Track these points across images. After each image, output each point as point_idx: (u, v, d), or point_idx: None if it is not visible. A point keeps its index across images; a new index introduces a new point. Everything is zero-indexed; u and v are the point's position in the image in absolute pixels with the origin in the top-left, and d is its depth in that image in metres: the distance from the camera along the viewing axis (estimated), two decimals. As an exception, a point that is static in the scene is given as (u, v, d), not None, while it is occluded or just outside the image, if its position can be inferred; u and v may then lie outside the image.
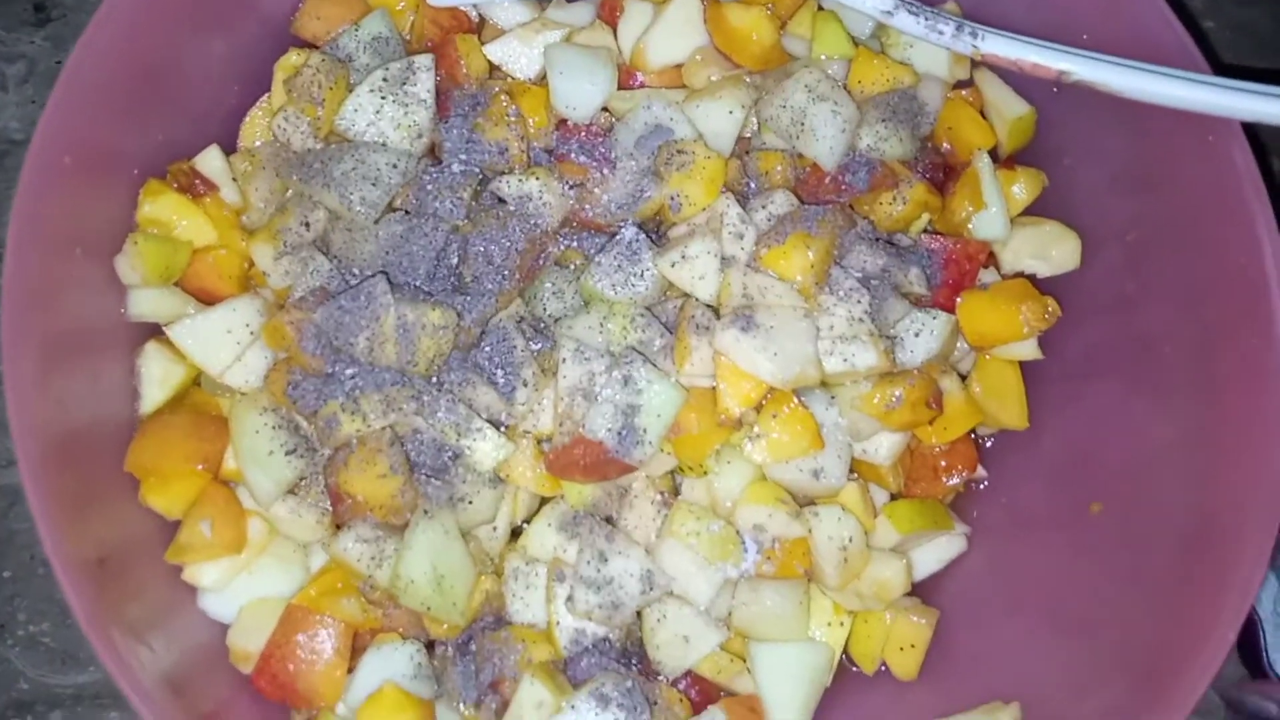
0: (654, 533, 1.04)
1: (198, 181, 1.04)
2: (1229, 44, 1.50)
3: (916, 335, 1.08)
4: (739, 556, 1.04)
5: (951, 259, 1.13)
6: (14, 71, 1.39)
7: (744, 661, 1.06)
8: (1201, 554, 0.99)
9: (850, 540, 1.06)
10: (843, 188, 1.10)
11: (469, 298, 1.04)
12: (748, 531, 1.04)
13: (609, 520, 1.05)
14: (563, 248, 1.11)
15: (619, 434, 0.99)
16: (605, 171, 1.09)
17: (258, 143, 1.11)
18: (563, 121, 1.11)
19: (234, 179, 1.07)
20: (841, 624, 1.08)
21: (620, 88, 1.12)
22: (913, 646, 1.11)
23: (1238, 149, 1.01)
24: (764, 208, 1.07)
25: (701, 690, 1.07)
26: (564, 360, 1.01)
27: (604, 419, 0.99)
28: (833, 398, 1.07)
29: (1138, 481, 1.09)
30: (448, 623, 0.98)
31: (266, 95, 1.12)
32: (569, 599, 0.99)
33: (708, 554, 1.02)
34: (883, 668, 1.13)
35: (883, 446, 1.09)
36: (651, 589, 1.00)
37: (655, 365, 1.01)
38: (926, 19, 1.04)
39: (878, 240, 1.10)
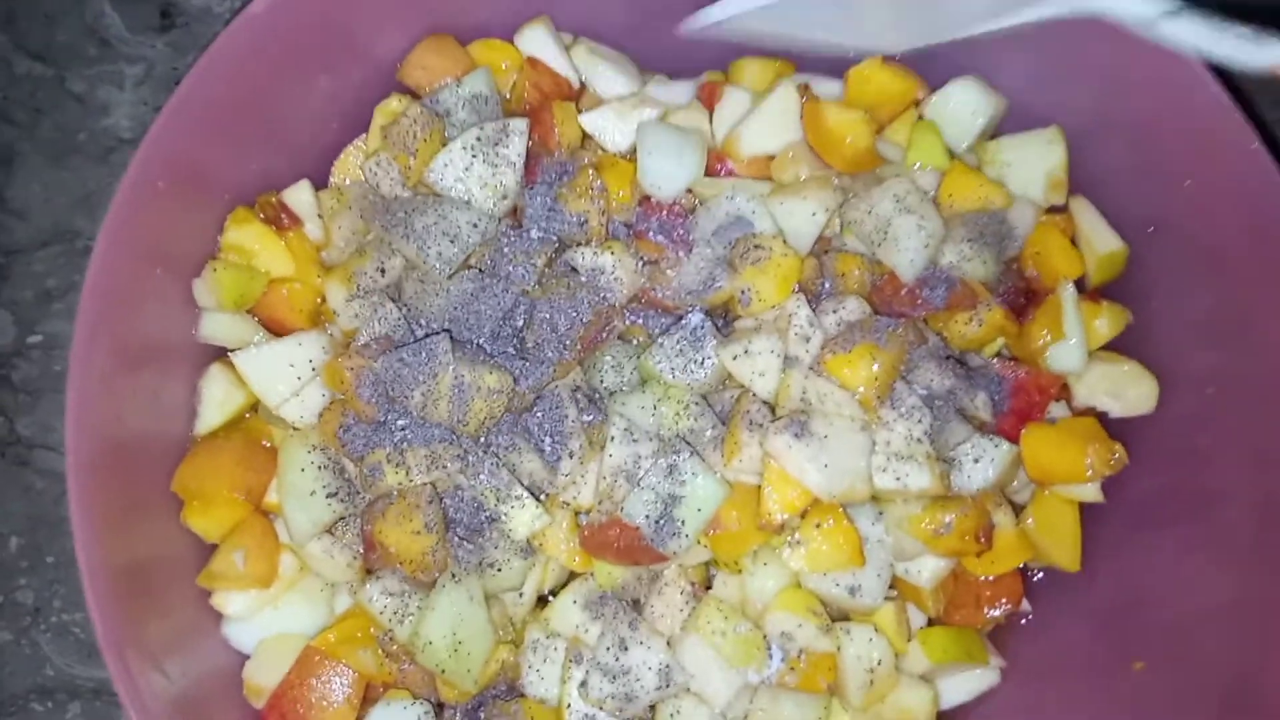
0: (679, 624, 1.03)
1: (284, 214, 1.07)
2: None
3: (976, 461, 1.06)
4: (763, 662, 1.02)
5: (1022, 387, 1.10)
6: (133, 73, 1.43)
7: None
8: (1242, 721, 0.95)
9: (879, 663, 1.03)
10: (919, 301, 1.08)
11: (528, 363, 1.04)
12: (775, 638, 1.02)
13: (636, 604, 1.04)
14: (628, 323, 1.11)
15: (656, 522, 0.99)
16: (681, 254, 1.09)
17: (347, 181, 1.13)
18: (646, 199, 1.11)
19: (319, 215, 1.09)
20: (858, 744, 1.06)
21: (708, 173, 1.12)
22: None
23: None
24: (834, 311, 1.06)
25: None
26: (612, 438, 1.01)
27: (643, 505, 0.98)
28: (880, 513, 1.04)
29: (1185, 640, 1.05)
30: (460, 688, 0.98)
31: (363, 136, 1.14)
32: (583, 684, 0.98)
33: (731, 656, 1.00)
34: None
35: (926, 569, 1.07)
36: (668, 685, 0.99)
37: (702, 457, 1.00)
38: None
39: (947, 359, 1.08)
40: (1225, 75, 1.00)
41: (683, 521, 0.99)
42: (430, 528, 0.97)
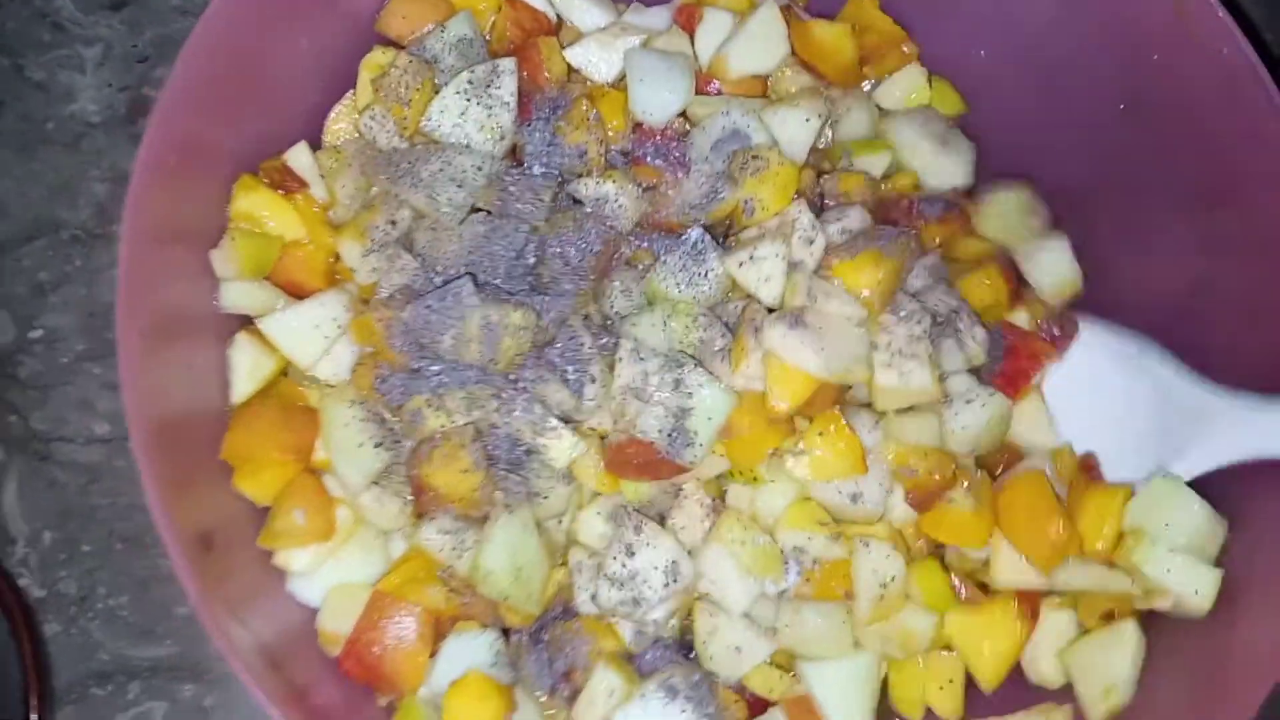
0: (701, 535, 1.07)
1: (288, 178, 1.07)
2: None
3: (968, 402, 1.09)
4: (780, 574, 1.06)
5: (1013, 350, 1.13)
6: (91, 54, 1.41)
7: (792, 674, 1.08)
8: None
9: (892, 579, 1.05)
10: (915, 213, 1.13)
11: (547, 298, 1.07)
12: (789, 553, 1.06)
13: (661, 518, 1.08)
14: (635, 248, 1.13)
15: (669, 435, 1.02)
16: (680, 175, 1.12)
17: (343, 140, 1.14)
18: (639, 125, 1.13)
19: (321, 175, 1.10)
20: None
21: (696, 93, 1.14)
22: (951, 682, 1.09)
23: None
24: (838, 220, 1.09)
25: (755, 697, 1.10)
26: (620, 359, 1.04)
27: (655, 420, 1.02)
28: (877, 421, 1.07)
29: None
30: (523, 612, 1.02)
31: (350, 92, 1.14)
32: (593, 595, 1.03)
33: (750, 565, 1.04)
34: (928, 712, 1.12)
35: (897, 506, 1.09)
36: (675, 581, 1.03)
37: (707, 368, 1.04)
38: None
39: (946, 281, 1.12)
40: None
41: (695, 432, 1.02)
42: (477, 465, 1.00)
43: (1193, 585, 1.03)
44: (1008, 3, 1.18)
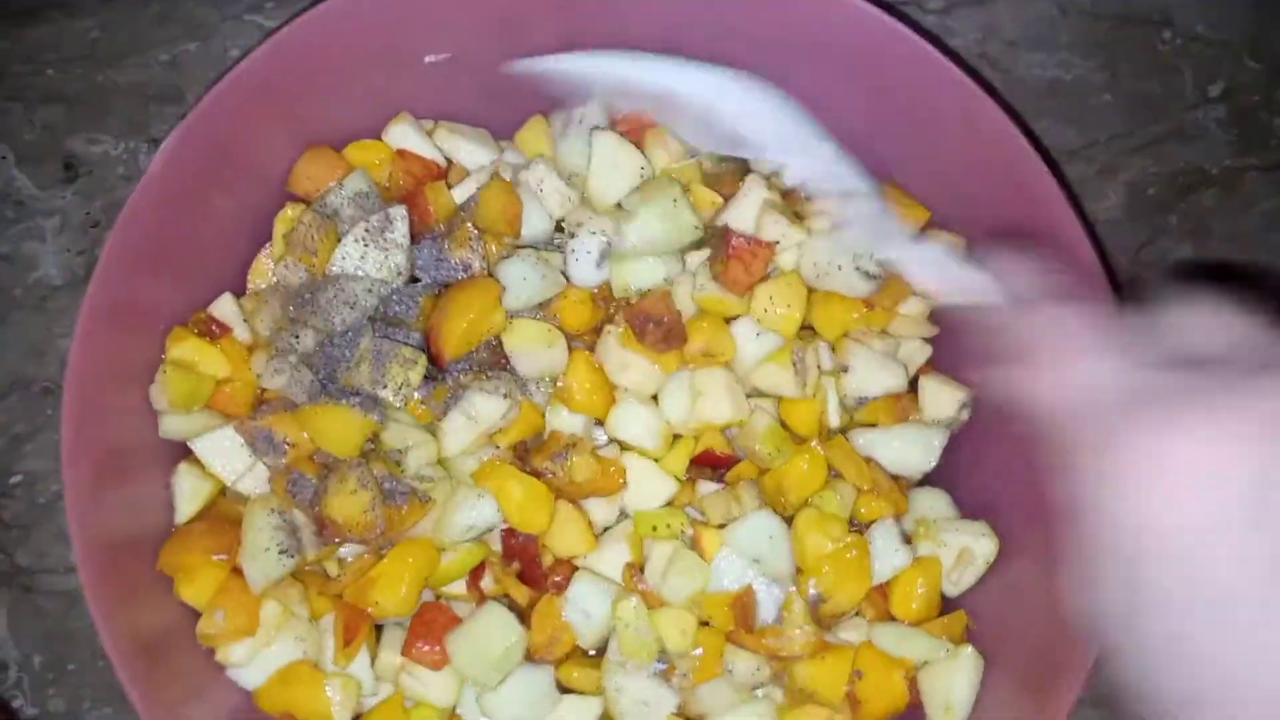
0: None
1: (214, 325, 1.24)
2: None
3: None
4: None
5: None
6: (50, 225, 1.59)
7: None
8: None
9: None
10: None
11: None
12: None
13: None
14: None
15: None
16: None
17: (263, 285, 1.30)
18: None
19: (244, 319, 1.27)
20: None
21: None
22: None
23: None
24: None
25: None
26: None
27: None
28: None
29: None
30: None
31: (268, 245, 1.31)
32: None
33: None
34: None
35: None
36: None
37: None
38: None
39: None
40: None
41: None
42: (363, 484, 1.16)
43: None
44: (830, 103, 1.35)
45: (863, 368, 1.24)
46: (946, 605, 1.26)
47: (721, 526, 1.20)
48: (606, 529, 1.26)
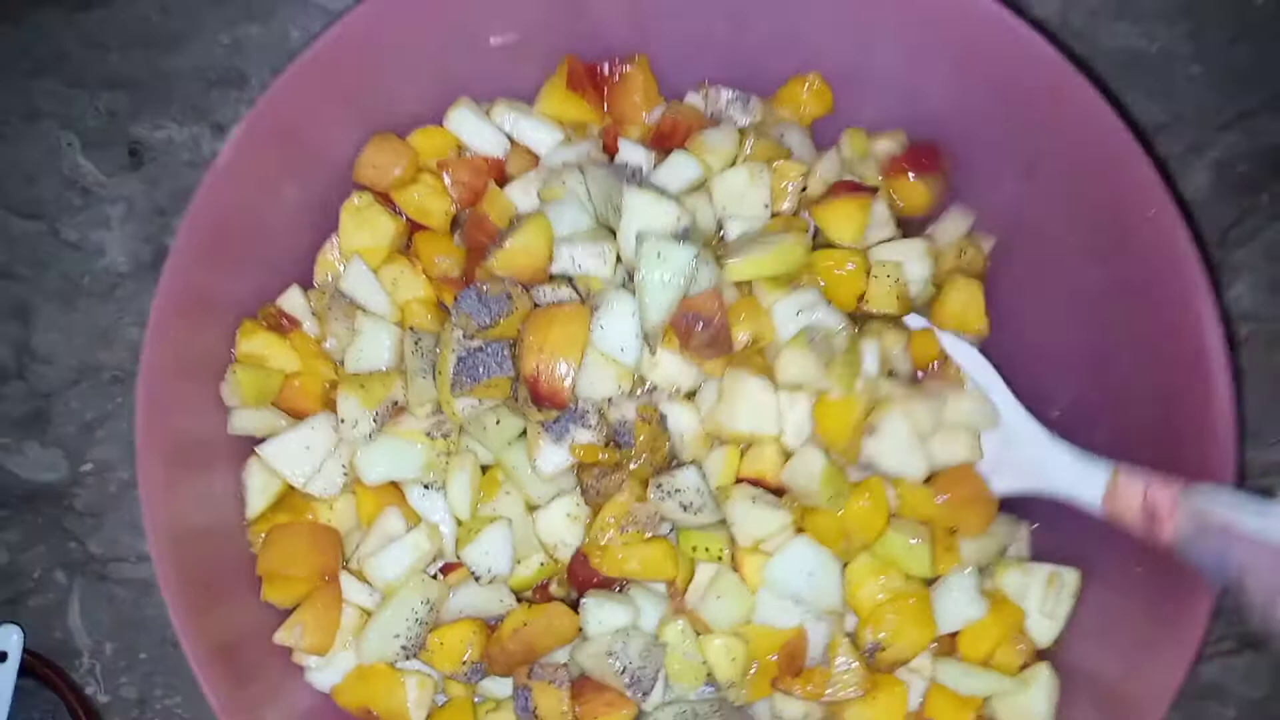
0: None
1: (283, 319, 1.23)
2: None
3: None
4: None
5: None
6: (116, 212, 1.58)
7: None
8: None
9: None
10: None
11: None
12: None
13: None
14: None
15: None
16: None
17: (329, 278, 1.29)
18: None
19: (313, 313, 1.25)
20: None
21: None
22: None
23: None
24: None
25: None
26: None
27: None
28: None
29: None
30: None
31: (334, 235, 1.29)
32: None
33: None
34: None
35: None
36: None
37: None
38: None
39: None
40: None
41: None
42: None
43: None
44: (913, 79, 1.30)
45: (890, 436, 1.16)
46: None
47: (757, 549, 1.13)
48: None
